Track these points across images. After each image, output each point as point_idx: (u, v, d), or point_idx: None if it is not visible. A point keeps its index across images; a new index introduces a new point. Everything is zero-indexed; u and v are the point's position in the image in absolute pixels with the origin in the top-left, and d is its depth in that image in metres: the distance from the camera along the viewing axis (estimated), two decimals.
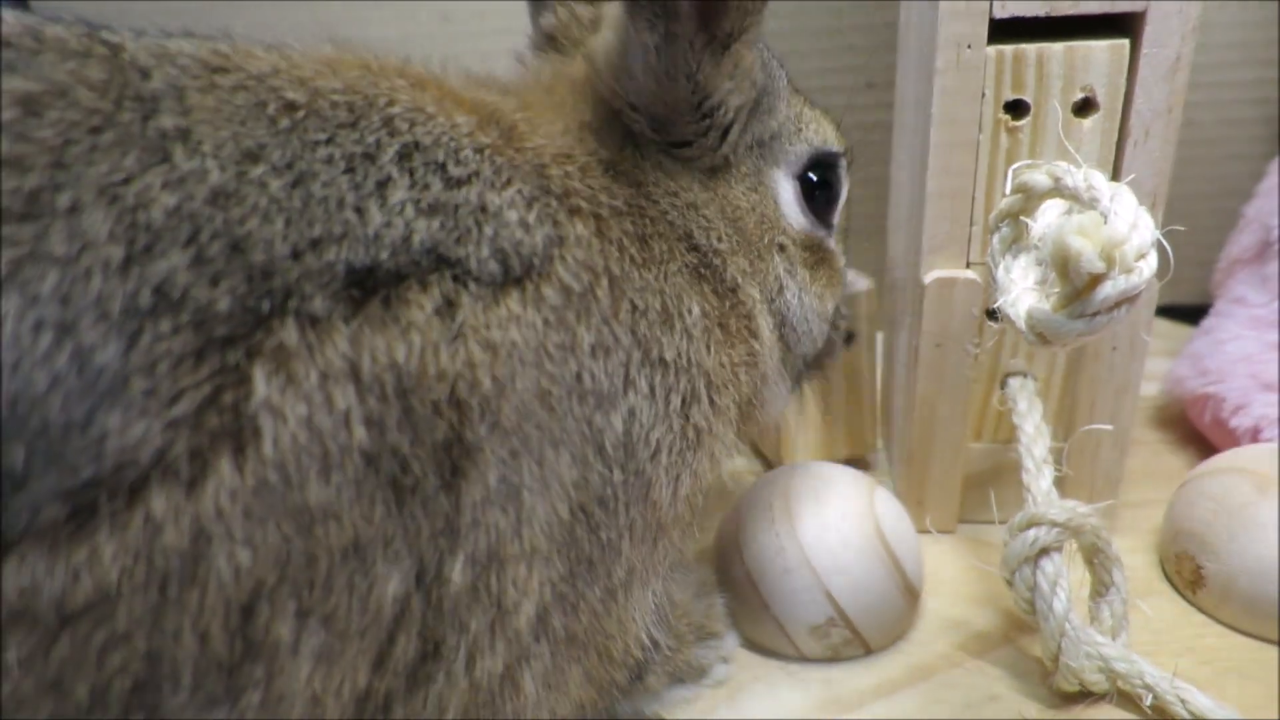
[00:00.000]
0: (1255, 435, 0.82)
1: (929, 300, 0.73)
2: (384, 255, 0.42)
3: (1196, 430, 0.91)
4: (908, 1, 0.81)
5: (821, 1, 1.09)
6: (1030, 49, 0.66)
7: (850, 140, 0.71)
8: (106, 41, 0.43)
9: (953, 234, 0.72)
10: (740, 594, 0.70)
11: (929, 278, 0.73)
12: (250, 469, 0.37)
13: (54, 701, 0.34)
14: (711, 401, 0.57)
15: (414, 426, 0.41)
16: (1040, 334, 0.53)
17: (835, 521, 0.68)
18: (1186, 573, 0.73)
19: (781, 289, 0.64)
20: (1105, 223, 0.49)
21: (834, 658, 0.70)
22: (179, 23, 0.50)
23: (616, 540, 0.52)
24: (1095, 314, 0.50)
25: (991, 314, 0.74)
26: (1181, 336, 1.03)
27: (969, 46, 0.66)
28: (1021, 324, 0.54)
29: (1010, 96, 0.68)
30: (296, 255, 0.40)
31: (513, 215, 0.48)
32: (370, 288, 0.41)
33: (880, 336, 0.91)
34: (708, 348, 0.57)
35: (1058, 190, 0.57)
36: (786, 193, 0.65)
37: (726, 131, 0.60)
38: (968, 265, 0.73)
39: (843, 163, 0.68)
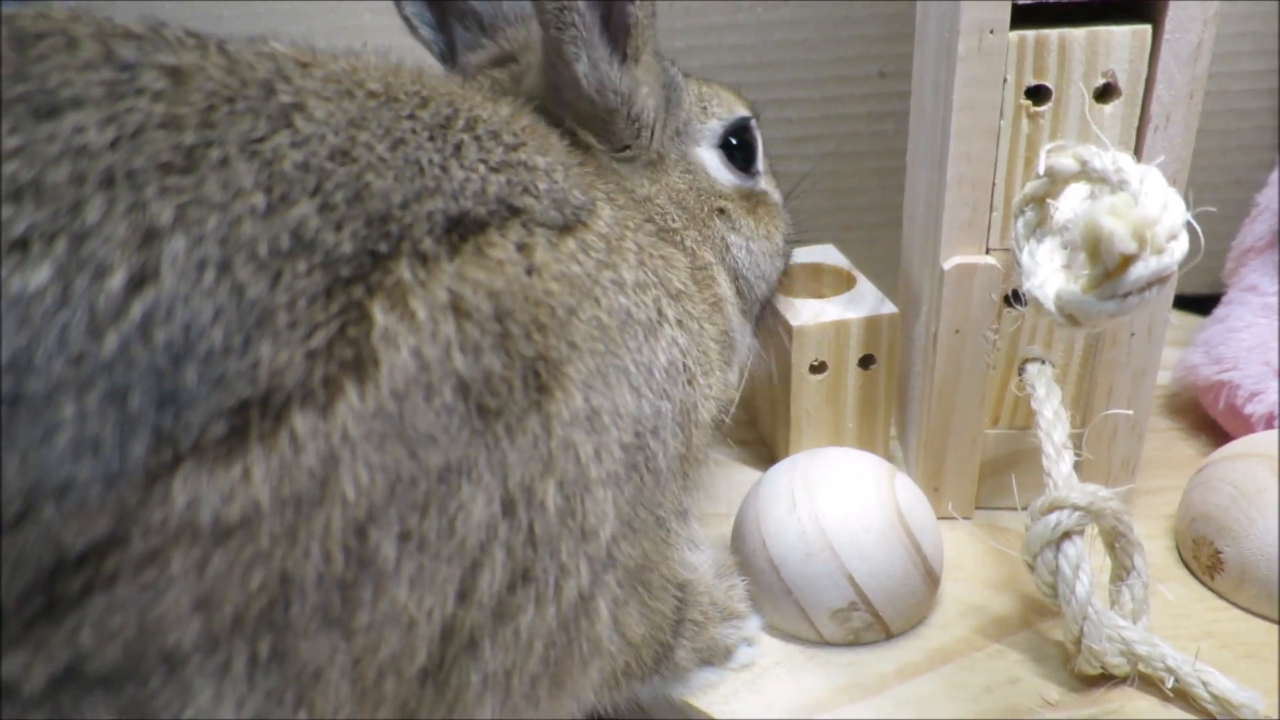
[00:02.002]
0: (1270, 421, 0.82)
1: (948, 286, 0.73)
2: (470, 204, 0.48)
3: (1209, 417, 0.91)
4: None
5: None
6: (1052, 34, 0.66)
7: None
8: (216, 40, 0.47)
9: (973, 220, 0.72)
10: (761, 578, 0.71)
11: (949, 264, 0.73)
12: (371, 395, 0.40)
13: (201, 620, 0.36)
14: (702, 330, 0.66)
15: (506, 347, 0.45)
16: (1070, 315, 0.53)
17: (857, 506, 0.68)
18: (1204, 557, 0.74)
19: (728, 246, 0.75)
20: (1136, 204, 0.49)
21: (855, 641, 0.70)
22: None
23: (663, 470, 0.57)
24: (1127, 295, 0.50)
25: (1011, 299, 0.74)
26: (1191, 326, 1.03)
27: (991, 32, 0.66)
28: (1050, 305, 0.54)
29: (1032, 82, 0.68)
30: (405, 205, 0.45)
31: (559, 175, 0.56)
32: (463, 234, 0.47)
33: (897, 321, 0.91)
34: (694, 288, 0.67)
35: (1085, 173, 0.57)
36: (712, 162, 0.75)
37: (653, 130, 0.70)
38: (987, 251, 0.73)
39: (751, 122, 0.78)
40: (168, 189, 0.38)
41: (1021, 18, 0.66)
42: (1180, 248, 0.49)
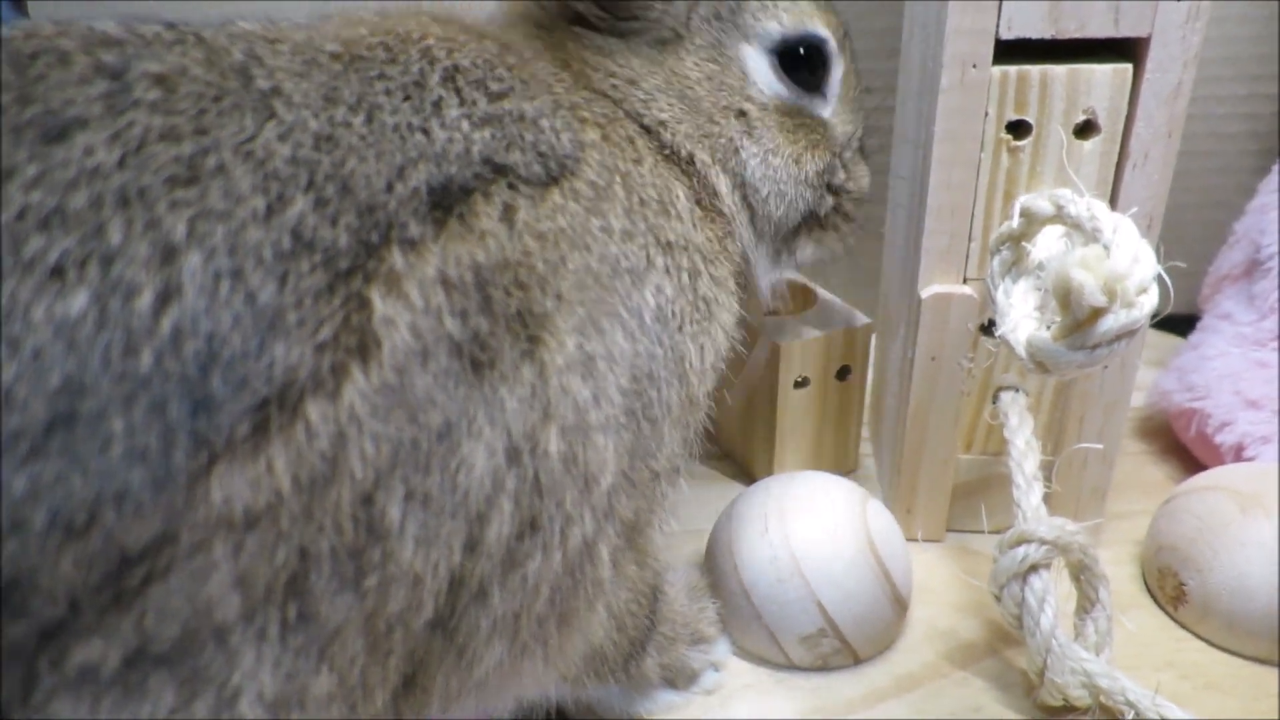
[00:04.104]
0: (1239, 453, 0.83)
1: (925, 314, 0.74)
2: (453, 170, 0.48)
3: (1180, 443, 0.92)
4: (910, 15, 0.81)
5: None
6: (1034, 71, 0.67)
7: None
8: (190, 30, 0.48)
9: (951, 249, 0.73)
10: (732, 601, 0.71)
11: (926, 292, 0.73)
12: (375, 373, 0.42)
13: (240, 596, 0.39)
14: (711, 275, 0.63)
15: (490, 309, 0.47)
16: (1040, 362, 0.53)
17: (829, 533, 0.69)
18: (1169, 588, 0.75)
19: (736, 150, 0.67)
20: (1108, 256, 0.49)
21: (823, 667, 0.71)
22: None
23: (660, 420, 0.57)
24: (1095, 346, 0.50)
25: (987, 329, 0.75)
26: (1168, 347, 1.04)
27: (974, 66, 0.67)
28: (1021, 351, 0.55)
29: (1013, 117, 0.68)
30: (389, 187, 0.45)
31: (545, 123, 0.54)
32: (448, 206, 0.47)
33: (873, 340, 0.92)
34: (694, 226, 0.63)
35: (1060, 217, 0.58)
36: (757, 65, 0.67)
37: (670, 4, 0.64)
38: (964, 280, 0.74)
39: (830, 44, 0.70)
40: (177, 203, 0.40)
41: (1004, 53, 0.67)
42: (1150, 301, 0.50)
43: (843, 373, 0.86)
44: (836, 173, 0.72)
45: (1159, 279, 0.50)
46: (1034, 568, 0.65)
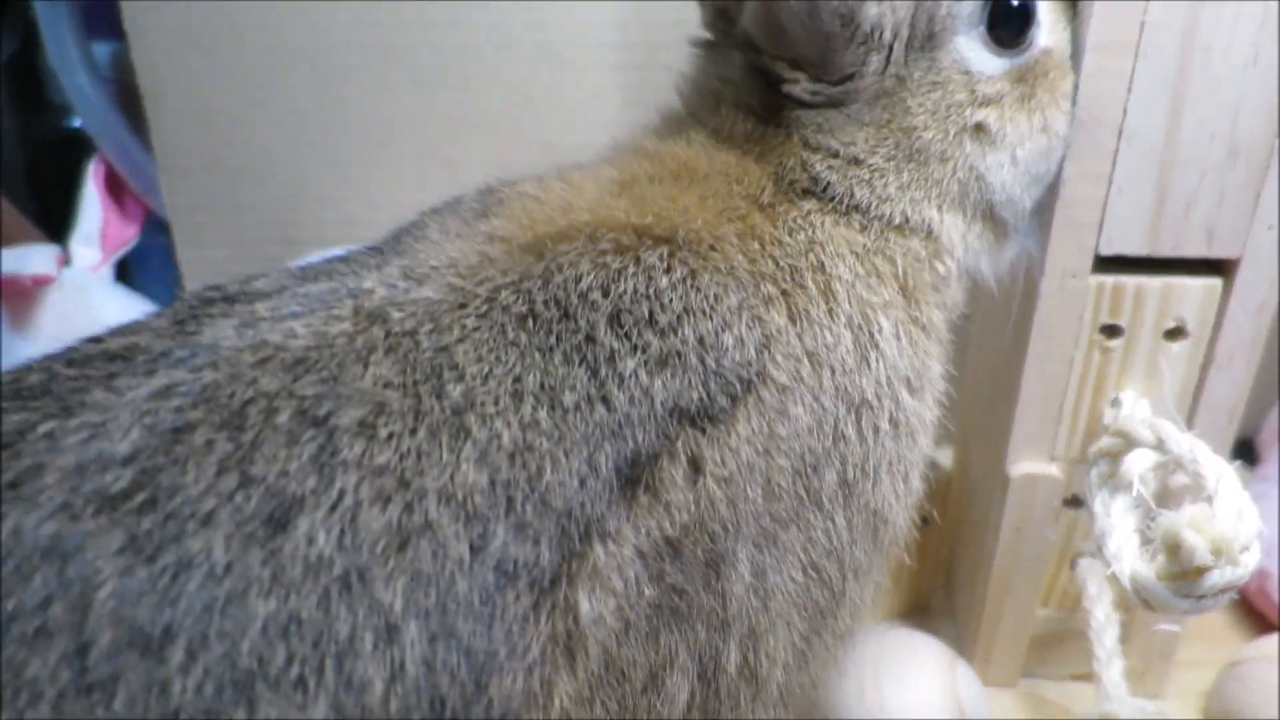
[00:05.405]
0: None
1: (1013, 492, 0.78)
2: (639, 437, 0.47)
3: (1244, 592, 0.96)
4: None
5: None
6: (1129, 282, 0.71)
7: None
8: (371, 314, 0.47)
9: (1041, 432, 0.77)
10: None
11: (1016, 471, 0.78)
12: (580, 670, 0.44)
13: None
14: (915, 398, 0.59)
15: (681, 561, 0.48)
16: (1145, 600, 0.58)
17: (919, 702, 0.74)
18: None
19: (979, 176, 0.61)
20: (1215, 517, 0.54)
21: None
22: None
23: (842, 584, 0.56)
24: (1201, 596, 0.55)
25: (1070, 501, 0.79)
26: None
27: (1073, 276, 0.71)
28: (1126, 583, 0.59)
29: (1107, 320, 0.73)
30: (583, 483, 0.45)
31: (728, 338, 0.51)
32: (636, 478, 0.47)
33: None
34: (900, 355, 0.58)
35: (1160, 449, 0.62)
36: (973, 51, 0.60)
37: (890, 52, 0.58)
38: (1052, 459, 0.78)
39: None
40: (392, 574, 0.40)
41: (1101, 264, 0.71)
42: (1253, 558, 0.55)
43: (922, 520, 0.91)
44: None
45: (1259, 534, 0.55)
46: None
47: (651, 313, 0.50)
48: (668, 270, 0.51)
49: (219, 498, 0.40)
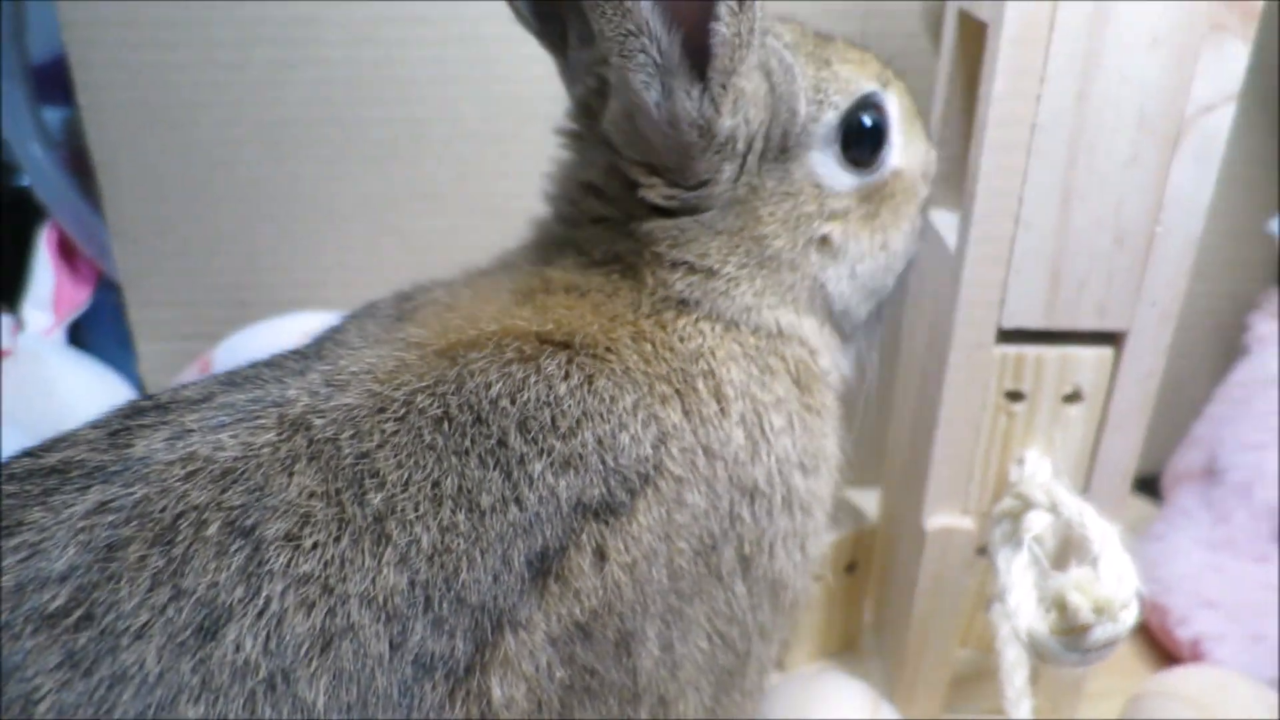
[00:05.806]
0: (1195, 647, 0.94)
1: (930, 543, 0.84)
2: (547, 532, 0.50)
3: (1147, 626, 1.03)
4: (918, 289, 0.91)
5: None
6: (1030, 352, 0.77)
7: None
8: (294, 423, 0.49)
9: (954, 488, 0.84)
10: None
11: (932, 525, 0.84)
12: None
13: None
14: (809, 478, 0.63)
15: (592, 643, 0.51)
16: (1039, 653, 0.64)
17: None
18: None
19: (820, 285, 0.64)
20: (1098, 580, 0.60)
21: None
22: None
23: (747, 646, 0.60)
24: (1087, 650, 0.61)
25: (983, 550, 0.86)
26: (1141, 510, 1.15)
27: (979, 347, 0.78)
28: (1023, 637, 0.65)
29: (1011, 387, 0.79)
30: (496, 579, 0.48)
31: (624, 438, 0.54)
32: (546, 569, 0.49)
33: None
34: (793, 443, 0.62)
35: (1054, 512, 0.68)
36: (825, 167, 0.63)
37: (744, 162, 0.60)
38: (965, 513, 0.85)
39: (880, 95, 0.65)
40: (314, 673, 0.43)
41: (1005, 336, 0.78)
42: (1131, 616, 0.61)
43: (849, 568, 0.97)
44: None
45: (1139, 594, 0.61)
46: None
47: (554, 418, 0.53)
48: (565, 377, 0.54)
49: (152, 611, 0.42)
